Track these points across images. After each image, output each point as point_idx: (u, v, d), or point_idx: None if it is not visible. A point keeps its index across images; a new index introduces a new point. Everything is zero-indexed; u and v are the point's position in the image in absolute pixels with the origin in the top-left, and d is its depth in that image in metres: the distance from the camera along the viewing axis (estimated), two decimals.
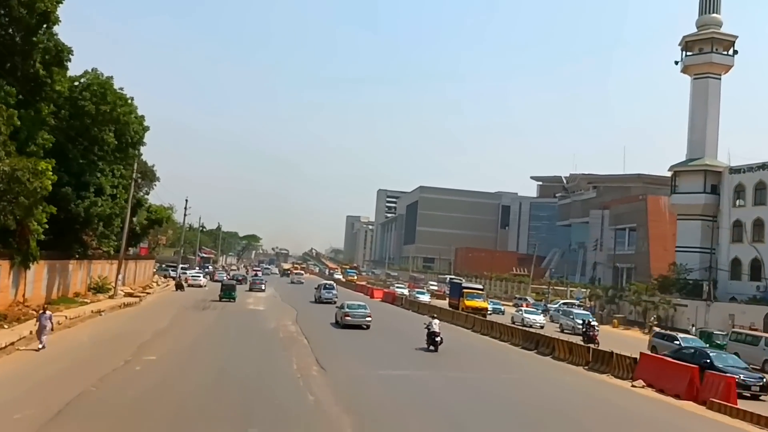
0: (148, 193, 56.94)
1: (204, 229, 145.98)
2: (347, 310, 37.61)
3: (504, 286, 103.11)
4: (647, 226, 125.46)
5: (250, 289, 65.73)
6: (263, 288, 66.37)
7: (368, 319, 36.96)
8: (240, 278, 77.34)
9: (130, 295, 47.94)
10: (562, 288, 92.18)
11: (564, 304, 66.78)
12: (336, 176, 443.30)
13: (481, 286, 65.79)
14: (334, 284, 66.27)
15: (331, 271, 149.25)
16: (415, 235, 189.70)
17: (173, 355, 23.25)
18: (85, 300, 39.16)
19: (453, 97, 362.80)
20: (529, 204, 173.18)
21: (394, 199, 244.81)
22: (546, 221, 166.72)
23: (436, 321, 30.96)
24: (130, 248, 60.25)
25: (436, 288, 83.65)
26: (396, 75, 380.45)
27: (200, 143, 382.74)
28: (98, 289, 43.32)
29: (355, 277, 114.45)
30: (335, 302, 49.87)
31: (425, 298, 65.72)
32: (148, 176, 55.09)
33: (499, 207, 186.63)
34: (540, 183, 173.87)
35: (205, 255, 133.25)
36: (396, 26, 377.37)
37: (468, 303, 52.14)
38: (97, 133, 37.97)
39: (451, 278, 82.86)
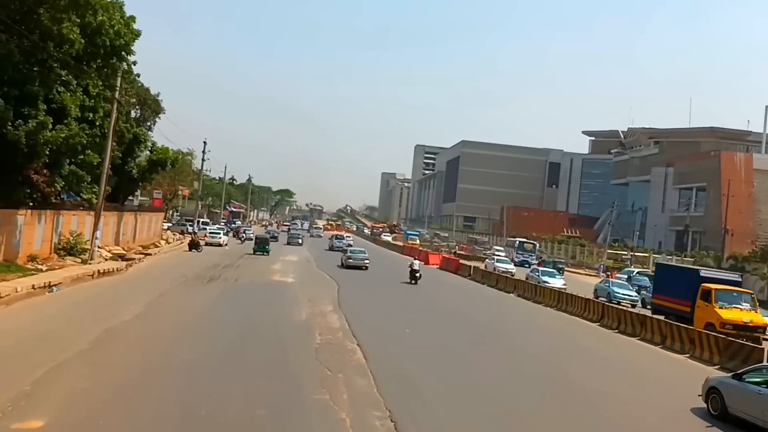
0: (150, 128, 44.45)
1: (234, 182, 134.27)
2: (350, 253, 45.23)
3: (568, 249, 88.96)
4: (720, 185, 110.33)
5: (288, 243, 66.52)
6: (300, 242, 68.03)
7: (366, 261, 43.63)
8: (276, 235, 71.15)
9: (120, 257, 35.83)
10: (643, 254, 77.80)
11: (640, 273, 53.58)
12: (369, 133, 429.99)
13: (738, 277, 32.74)
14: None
15: (376, 231, 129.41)
16: (455, 192, 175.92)
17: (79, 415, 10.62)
18: (40, 267, 26.99)
19: (488, 54, 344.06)
20: (581, 161, 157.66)
21: (432, 156, 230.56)
22: (599, 179, 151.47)
23: (417, 261, 39.28)
24: (131, 197, 48.20)
25: (503, 254, 70.17)
26: (427, 31, 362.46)
27: (234, 102, 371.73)
28: (69, 250, 31.17)
29: (419, 242, 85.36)
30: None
31: (557, 282, 39.35)
32: (150, 106, 42.46)
33: (546, 164, 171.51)
34: (593, 138, 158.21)
35: (234, 209, 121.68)
36: None
37: (726, 314, 24.39)
38: (49, 23, 25.26)
39: (520, 240, 69.75)
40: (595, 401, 14.25)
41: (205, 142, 62.86)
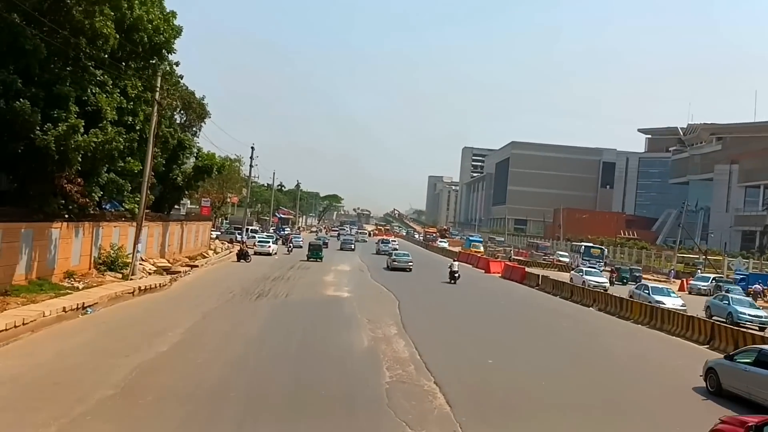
0: (196, 134, 42.16)
1: (282, 188, 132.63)
2: (394, 256, 48.89)
3: (632, 253, 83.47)
4: None
5: (342, 248, 69.30)
6: (353, 248, 70.80)
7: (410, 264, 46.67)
8: (326, 241, 69.73)
9: (164, 270, 33.47)
10: (716, 257, 72.33)
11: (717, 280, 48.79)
12: (416, 136, 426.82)
13: None
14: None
15: (430, 235, 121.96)
16: (506, 194, 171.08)
17: None
18: (76, 284, 24.64)
19: (536, 54, 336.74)
20: (637, 159, 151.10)
21: (480, 158, 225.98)
22: (657, 179, 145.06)
23: (456, 263, 41.98)
24: (176, 206, 46.08)
25: (567, 260, 65.76)
26: (474, 34, 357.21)
27: (278, 109, 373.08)
28: (110, 264, 28.84)
29: (482, 249, 76.28)
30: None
31: (674, 302, 31.71)
32: (195, 110, 40.15)
33: (599, 164, 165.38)
34: (649, 136, 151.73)
35: (283, 215, 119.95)
36: None
37: None
38: (81, 17, 22.87)
39: (586, 245, 65.21)
40: None
41: (252, 148, 60.79)
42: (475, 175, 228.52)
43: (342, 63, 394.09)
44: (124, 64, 27.72)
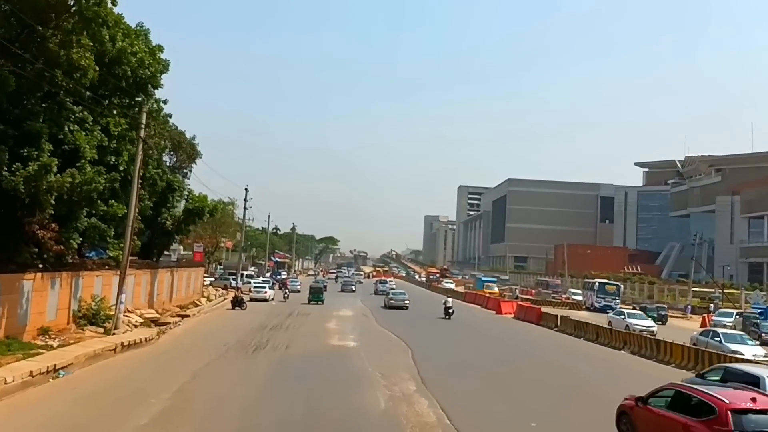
0: (186, 176, 39.89)
1: (278, 232, 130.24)
2: (391, 295, 51.72)
3: (642, 288, 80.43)
4: None
5: (342, 290, 72.23)
6: (354, 289, 74.03)
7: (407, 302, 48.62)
8: (325, 284, 66.33)
9: (152, 322, 30.76)
10: (730, 291, 69.62)
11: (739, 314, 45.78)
12: (411, 177, 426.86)
13: None
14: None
15: (433, 276, 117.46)
16: (504, 232, 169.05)
17: None
18: (50, 342, 21.98)
19: (528, 91, 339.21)
20: (635, 193, 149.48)
21: (476, 196, 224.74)
22: (657, 212, 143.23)
23: (450, 299, 43.99)
24: (166, 252, 43.56)
25: (580, 297, 62.78)
26: (464, 73, 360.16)
27: (271, 153, 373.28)
28: (91, 318, 26.17)
29: (497, 290, 70.59)
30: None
31: (755, 351, 27.41)
32: (185, 149, 37.96)
33: (597, 198, 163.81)
34: (646, 169, 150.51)
35: (278, 259, 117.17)
36: (466, 24, 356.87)
37: None
38: (56, 48, 20.72)
39: (601, 282, 61.61)
40: None
41: (246, 190, 58.40)
42: (471, 213, 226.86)
43: (336, 108, 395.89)
44: (107, 101, 25.60)
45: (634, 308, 46.35)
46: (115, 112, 25.54)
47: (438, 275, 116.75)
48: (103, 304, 27.02)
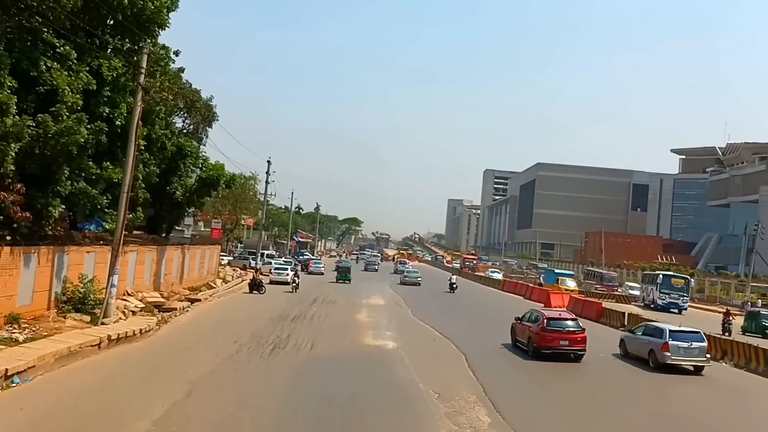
0: (201, 140, 34.95)
1: (300, 211, 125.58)
2: (406, 273, 59.51)
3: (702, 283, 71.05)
4: None
5: (365, 269, 77.26)
6: (377, 268, 79.89)
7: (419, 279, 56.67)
8: (349, 265, 63.05)
9: (156, 307, 26.08)
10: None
11: None
12: (433, 161, 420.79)
13: None
14: None
15: (469, 262, 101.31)
16: (531, 218, 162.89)
17: None
18: (16, 335, 17.22)
19: (554, 78, 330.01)
20: (671, 181, 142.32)
21: (503, 180, 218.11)
22: (694, 201, 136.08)
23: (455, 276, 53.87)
24: (177, 226, 38.88)
25: (637, 293, 54.72)
26: (482, 63, 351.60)
27: (298, 136, 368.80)
28: (78, 303, 21.43)
29: (574, 286, 56.06)
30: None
31: None
32: (199, 110, 32.98)
33: (629, 186, 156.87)
34: (683, 157, 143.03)
35: (301, 239, 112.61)
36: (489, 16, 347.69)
37: None
38: None
39: (665, 274, 50.90)
40: None
41: (269, 162, 53.29)
42: (497, 198, 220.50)
43: (358, 95, 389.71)
44: (98, 41, 20.69)
45: (726, 314, 34.25)
46: (110, 50, 20.55)
47: (475, 262, 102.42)
48: (94, 286, 22.23)
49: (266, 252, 63.68)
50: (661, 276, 49.43)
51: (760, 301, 55.96)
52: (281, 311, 29.17)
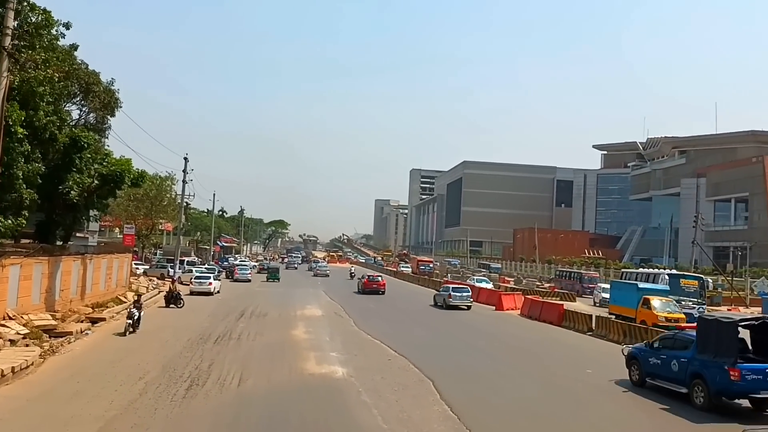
0: (102, 131, 29.62)
1: (224, 214, 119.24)
2: (317, 268, 76.44)
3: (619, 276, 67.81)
4: (766, 194, 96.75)
5: (287, 268, 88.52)
6: (296, 267, 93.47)
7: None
8: (277, 267, 73.05)
9: (46, 332, 20.94)
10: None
11: None
12: (357, 161, 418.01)
13: None
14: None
15: (424, 266, 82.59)
16: (459, 216, 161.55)
17: None
18: None
19: (464, 83, 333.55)
20: (595, 176, 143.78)
21: (429, 180, 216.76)
22: (617, 195, 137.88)
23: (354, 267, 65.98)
24: (77, 233, 33.38)
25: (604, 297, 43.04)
26: (400, 62, 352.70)
27: (216, 137, 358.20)
28: None
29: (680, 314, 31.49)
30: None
31: None
32: (98, 96, 27.69)
33: (554, 182, 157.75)
34: (605, 152, 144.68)
35: (225, 244, 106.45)
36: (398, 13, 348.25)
37: None
38: None
39: (672, 273, 41.83)
40: None
41: (186, 159, 47.71)
42: (424, 197, 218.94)
43: (276, 96, 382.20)
44: None
45: None
46: None
47: (432, 265, 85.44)
48: None
49: (187, 259, 58.06)
50: (666, 277, 39.09)
51: None
52: (202, 330, 24.44)
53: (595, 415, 13.98)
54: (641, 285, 34.41)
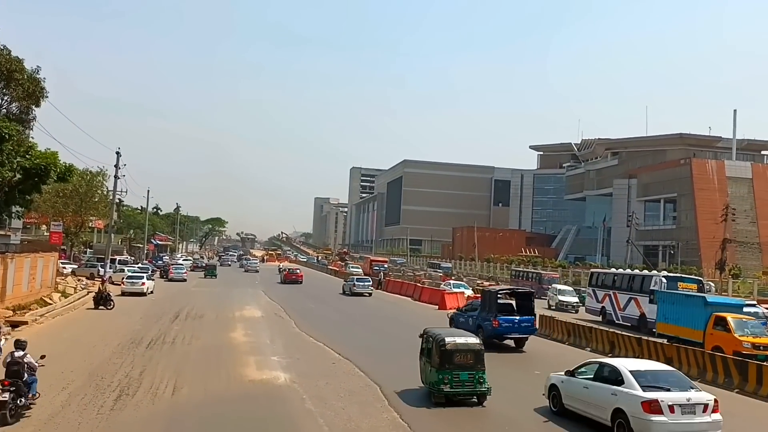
0: (26, 122, 27.61)
1: (159, 212, 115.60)
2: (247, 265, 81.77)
3: (566, 275, 68.42)
4: (693, 195, 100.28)
5: (221, 265, 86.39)
6: (230, 264, 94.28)
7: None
8: (215, 265, 72.18)
9: None
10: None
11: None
12: (296, 159, 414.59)
13: None
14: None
15: (378, 266, 71.77)
16: (399, 214, 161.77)
17: None
18: None
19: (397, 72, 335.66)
20: (531, 176, 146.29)
21: (370, 178, 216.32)
22: (552, 195, 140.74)
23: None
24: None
25: (572, 299, 42.67)
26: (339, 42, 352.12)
27: (150, 136, 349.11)
28: None
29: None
30: None
31: None
32: (21, 84, 25.74)
33: (491, 182, 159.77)
34: (541, 153, 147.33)
35: (160, 242, 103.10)
36: None
37: None
38: None
39: (668, 276, 35.36)
40: None
41: (118, 153, 45.46)
42: (364, 195, 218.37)
43: (204, 88, 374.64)
44: None
45: None
46: None
47: (386, 265, 76.91)
48: None
49: (119, 258, 55.55)
50: (662, 279, 33.33)
51: None
52: (133, 333, 22.99)
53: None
54: (710, 299, 26.04)
